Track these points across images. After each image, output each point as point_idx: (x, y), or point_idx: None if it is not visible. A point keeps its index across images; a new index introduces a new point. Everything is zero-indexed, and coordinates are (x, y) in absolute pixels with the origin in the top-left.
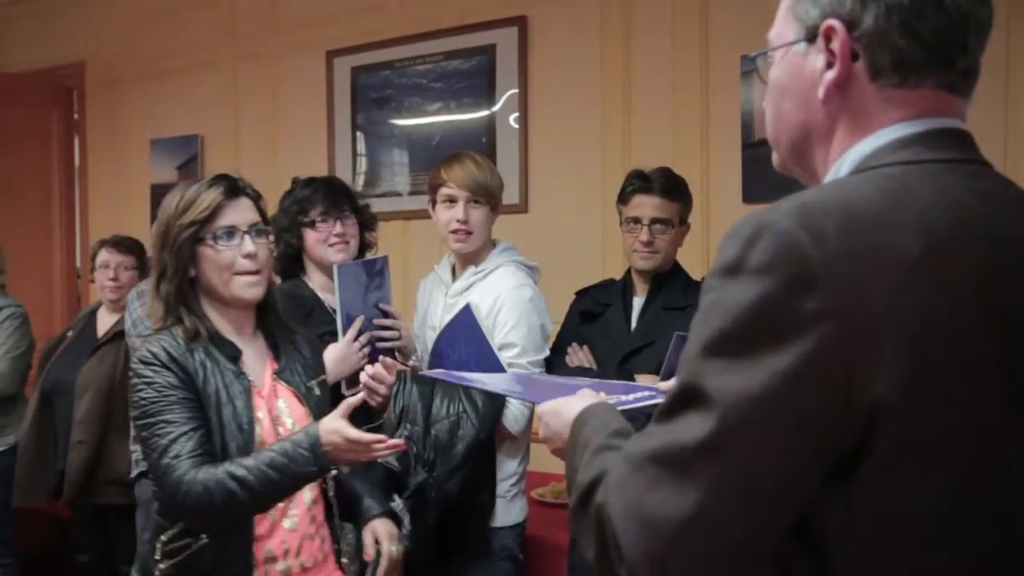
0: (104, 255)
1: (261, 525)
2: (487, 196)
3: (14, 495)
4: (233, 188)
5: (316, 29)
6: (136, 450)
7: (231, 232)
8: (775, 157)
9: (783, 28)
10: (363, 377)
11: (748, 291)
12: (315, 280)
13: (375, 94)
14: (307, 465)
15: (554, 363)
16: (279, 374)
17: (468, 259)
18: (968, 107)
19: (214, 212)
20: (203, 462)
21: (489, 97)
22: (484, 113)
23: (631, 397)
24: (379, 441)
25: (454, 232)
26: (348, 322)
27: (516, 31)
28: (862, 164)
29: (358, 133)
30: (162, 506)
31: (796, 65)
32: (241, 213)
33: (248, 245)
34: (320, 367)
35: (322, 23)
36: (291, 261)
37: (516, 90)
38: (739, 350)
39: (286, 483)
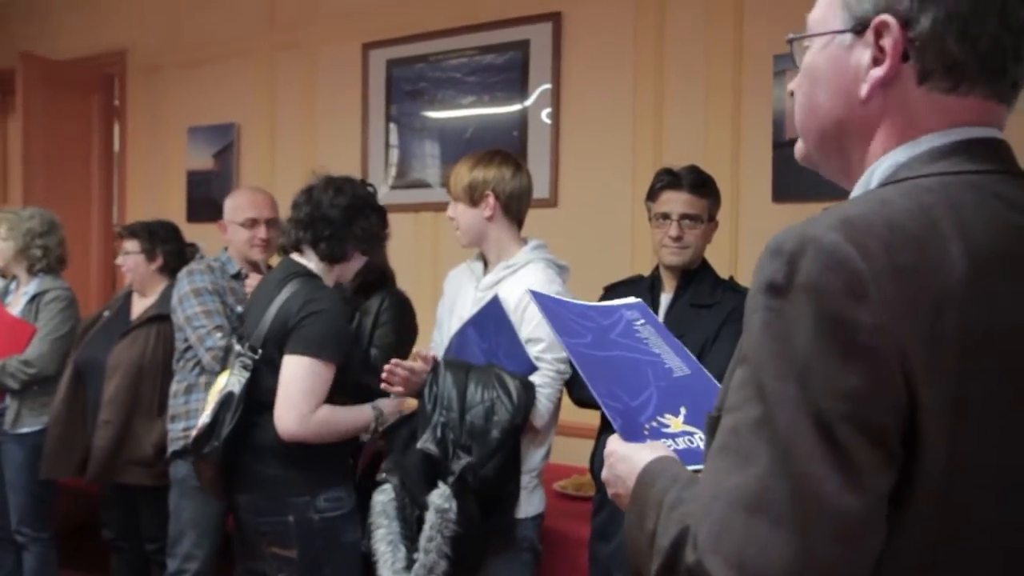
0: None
1: None
2: (462, 193)
3: (42, 467)
4: None
5: (353, 21)
6: (172, 429)
7: None
8: (800, 147)
9: (827, 14)
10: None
11: (802, 309)
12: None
13: (409, 87)
14: None
15: None
16: None
17: (498, 254)
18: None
19: None
20: None
21: (522, 92)
22: (516, 107)
23: (681, 444)
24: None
25: None
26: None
27: (550, 27)
28: (896, 173)
29: (391, 124)
30: None
31: (838, 56)
32: None
33: None
34: None
35: (359, 15)
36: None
37: (549, 85)
38: (803, 371)
39: None
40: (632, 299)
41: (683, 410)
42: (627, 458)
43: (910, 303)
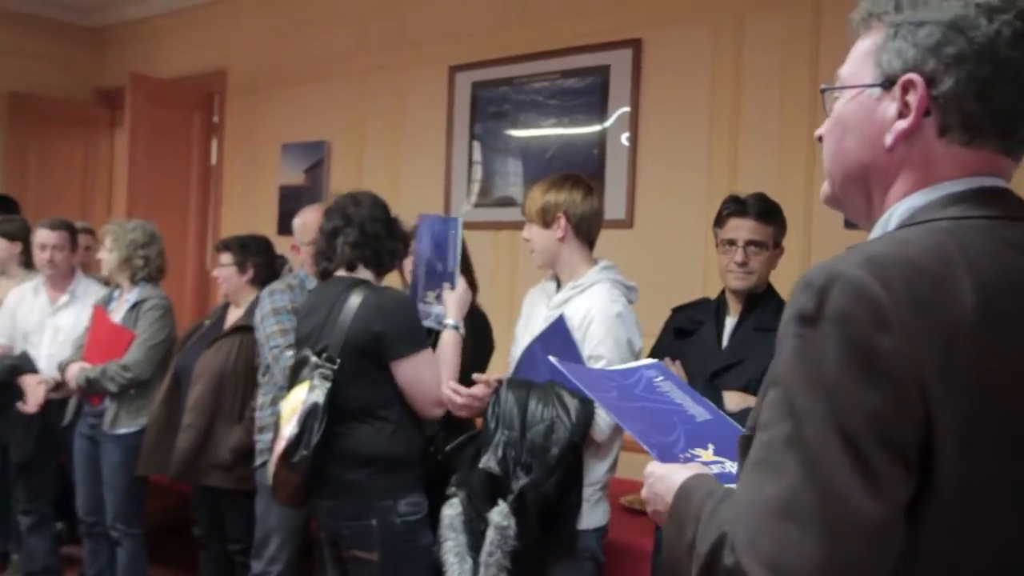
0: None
1: None
2: (535, 215)
3: (139, 464)
4: None
5: (440, 45)
6: (260, 440)
7: None
8: (826, 188)
9: (859, 69)
10: (452, 395)
11: (831, 337)
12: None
13: (493, 108)
14: None
15: None
16: None
17: (570, 274)
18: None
19: None
20: None
21: (601, 115)
22: (596, 129)
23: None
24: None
25: None
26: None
27: (630, 53)
28: (914, 216)
29: (475, 143)
30: None
31: (867, 108)
32: None
33: None
34: None
35: (446, 40)
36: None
37: (628, 109)
38: (831, 392)
39: None
40: (650, 360)
41: (711, 446)
42: (664, 477)
43: (927, 332)
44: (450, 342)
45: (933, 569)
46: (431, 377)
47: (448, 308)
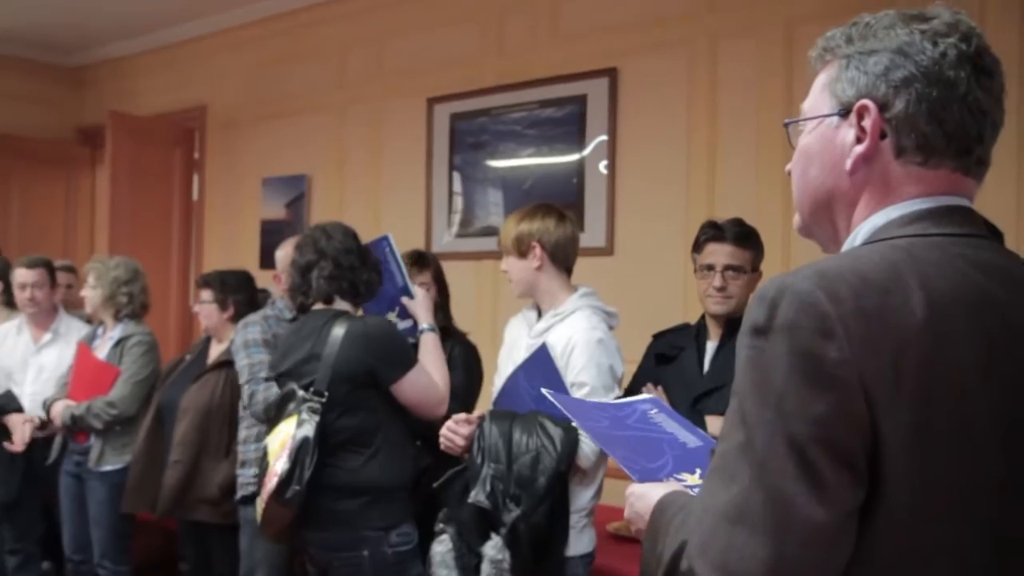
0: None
1: None
2: (510, 246)
3: (123, 501)
4: None
5: (418, 78)
6: (242, 474)
7: None
8: (796, 219)
9: (818, 101)
10: (442, 431)
11: (779, 346)
12: None
13: (472, 139)
14: None
15: None
16: None
17: (550, 302)
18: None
19: None
20: None
21: (579, 143)
22: (574, 158)
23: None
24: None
25: None
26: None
27: (607, 82)
28: (875, 235)
29: (455, 173)
30: None
31: (827, 136)
32: None
33: None
34: None
35: (424, 73)
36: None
37: (605, 137)
38: (779, 399)
39: None
40: (646, 395)
41: (698, 470)
42: (643, 496)
43: (873, 341)
44: (431, 344)
45: (887, 569)
46: (428, 385)
47: (417, 315)
